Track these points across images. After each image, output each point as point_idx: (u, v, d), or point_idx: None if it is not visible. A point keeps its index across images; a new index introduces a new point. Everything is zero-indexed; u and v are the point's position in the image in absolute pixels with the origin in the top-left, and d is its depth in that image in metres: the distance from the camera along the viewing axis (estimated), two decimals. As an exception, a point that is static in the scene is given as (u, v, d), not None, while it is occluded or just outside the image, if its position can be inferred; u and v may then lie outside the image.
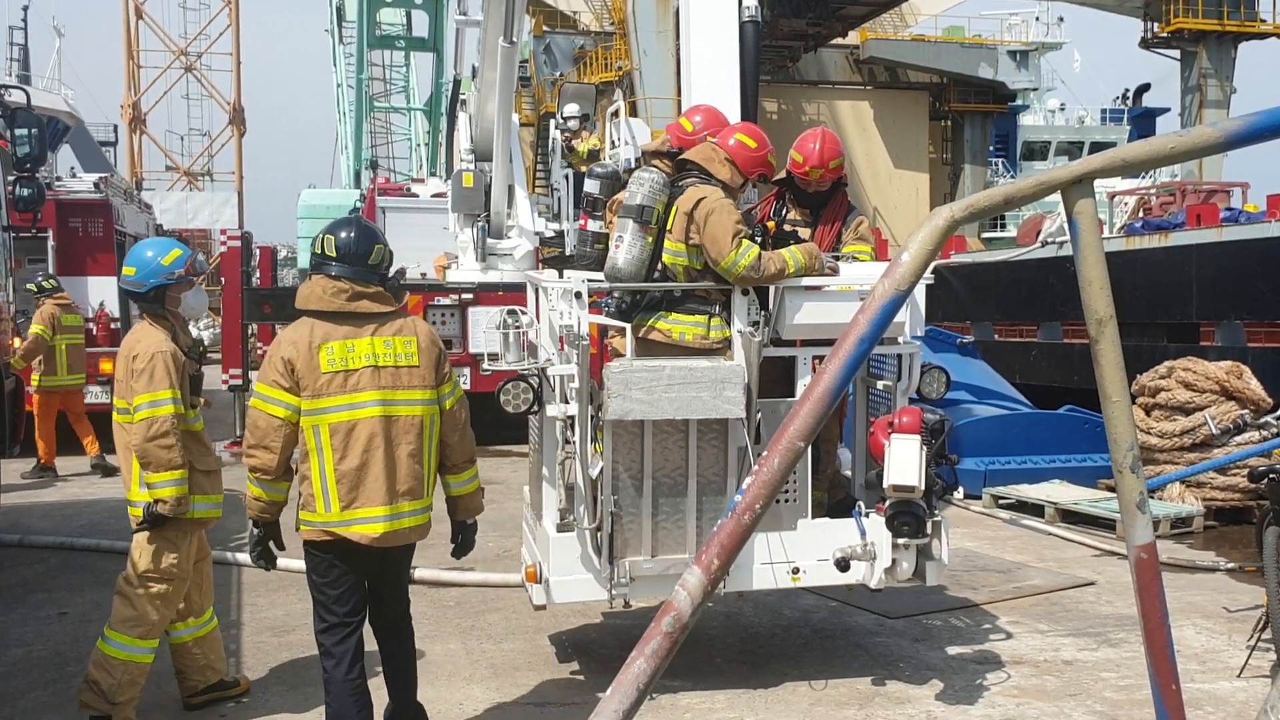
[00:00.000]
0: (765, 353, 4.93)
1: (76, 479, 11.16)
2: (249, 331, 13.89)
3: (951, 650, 5.72)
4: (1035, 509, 9.16)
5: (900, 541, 4.91)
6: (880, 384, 5.41)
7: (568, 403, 4.82)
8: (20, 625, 6.21)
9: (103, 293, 13.22)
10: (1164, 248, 15.36)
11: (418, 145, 41.14)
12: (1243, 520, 8.84)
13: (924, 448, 4.77)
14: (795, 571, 5.05)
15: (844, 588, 5.36)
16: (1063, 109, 44.97)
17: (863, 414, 5.55)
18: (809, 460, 5.07)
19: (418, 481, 4.14)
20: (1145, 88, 42.63)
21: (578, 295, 4.87)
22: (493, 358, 5.15)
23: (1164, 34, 31.85)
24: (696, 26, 6.62)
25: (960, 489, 6.57)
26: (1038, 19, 42.46)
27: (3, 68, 35.73)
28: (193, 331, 5.40)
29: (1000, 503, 9.58)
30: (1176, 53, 32.65)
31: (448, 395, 4.27)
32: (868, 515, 5.03)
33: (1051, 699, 5.07)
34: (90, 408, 11.65)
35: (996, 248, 26.49)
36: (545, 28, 37.68)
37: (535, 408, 5.03)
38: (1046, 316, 17.20)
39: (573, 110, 12.04)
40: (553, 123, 12.67)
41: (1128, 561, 2.00)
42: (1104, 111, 45.35)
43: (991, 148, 38.76)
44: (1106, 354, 1.94)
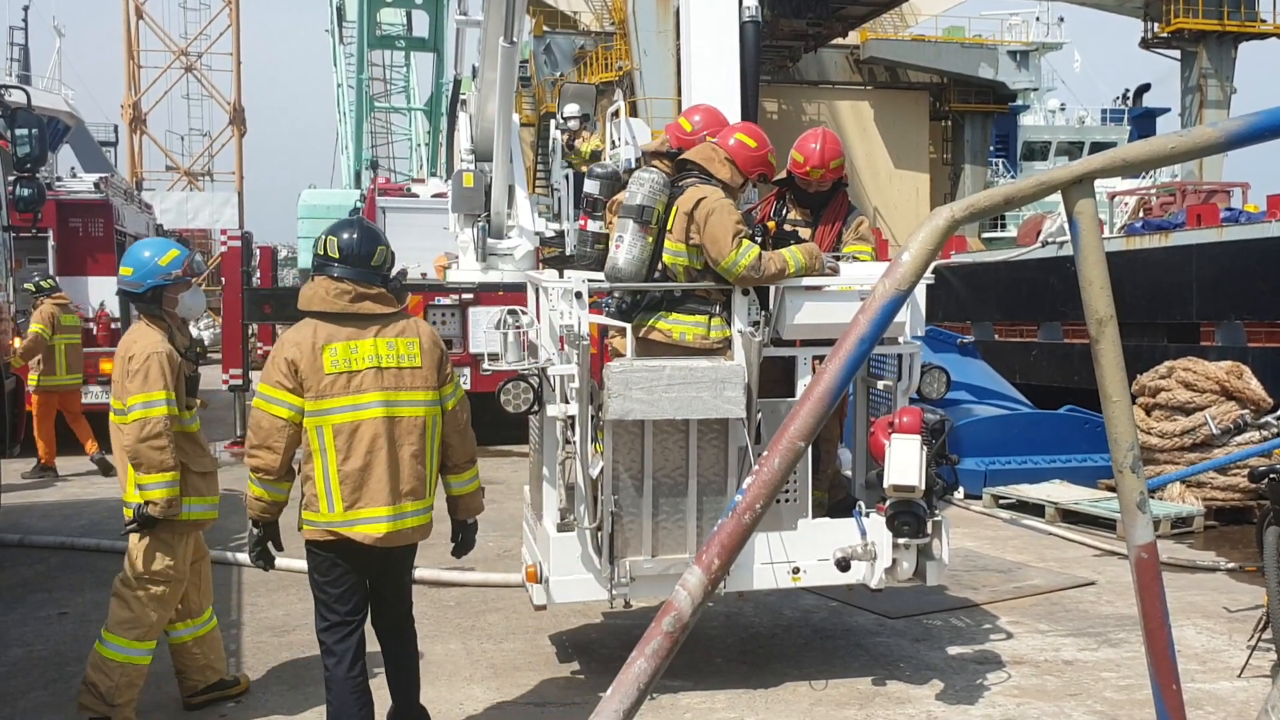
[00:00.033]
0: (765, 353, 4.93)
1: (76, 479, 11.16)
2: (249, 331, 13.90)
3: (952, 650, 5.72)
4: (1036, 509, 9.16)
5: (901, 541, 4.91)
6: (880, 384, 5.41)
7: (568, 403, 4.82)
8: (20, 625, 6.21)
9: (103, 293, 13.24)
10: (1164, 248, 15.35)
11: (418, 145, 41.13)
12: (1243, 520, 8.84)
13: (924, 448, 4.77)
14: (795, 571, 5.05)
15: (844, 588, 5.36)
16: (1063, 109, 44.92)
17: (863, 414, 5.55)
18: (809, 460, 5.07)
19: (420, 482, 4.16)
20: (1145, 88, 42.61)
21: (578, 295, 4.87)
22: (493, 358, 5.15)
23: (1164, 34, 31.84)
24: (697, 26, 6.62)
25: (960, 489, 6.57)
26: (1038, 19, 42.43)
27: (3, 68, 35.74)
28: (193, 331, 5.40)
29: (1000, 503, 9.58)
30: (1176, 53, 32.64)
31: (450, 396, 4.30)
32: (868, 515, 5.03)
33: (1052, 699, 5.07)
34: (91, 408, 11.65)
35: (997, 248, 26.49)
36: (545, 28, 37.70)
37: (535, 408, 5.03)
38: (1047, 316, 17.20)
39: (573, 110, 12.03)
40: (553, 123, 12.66)
41: (1128, 561, 2.00)
42: (1104, 112, 45.30)
43: (992, 148, 38.76)
44: (1107, 354, 1.94)
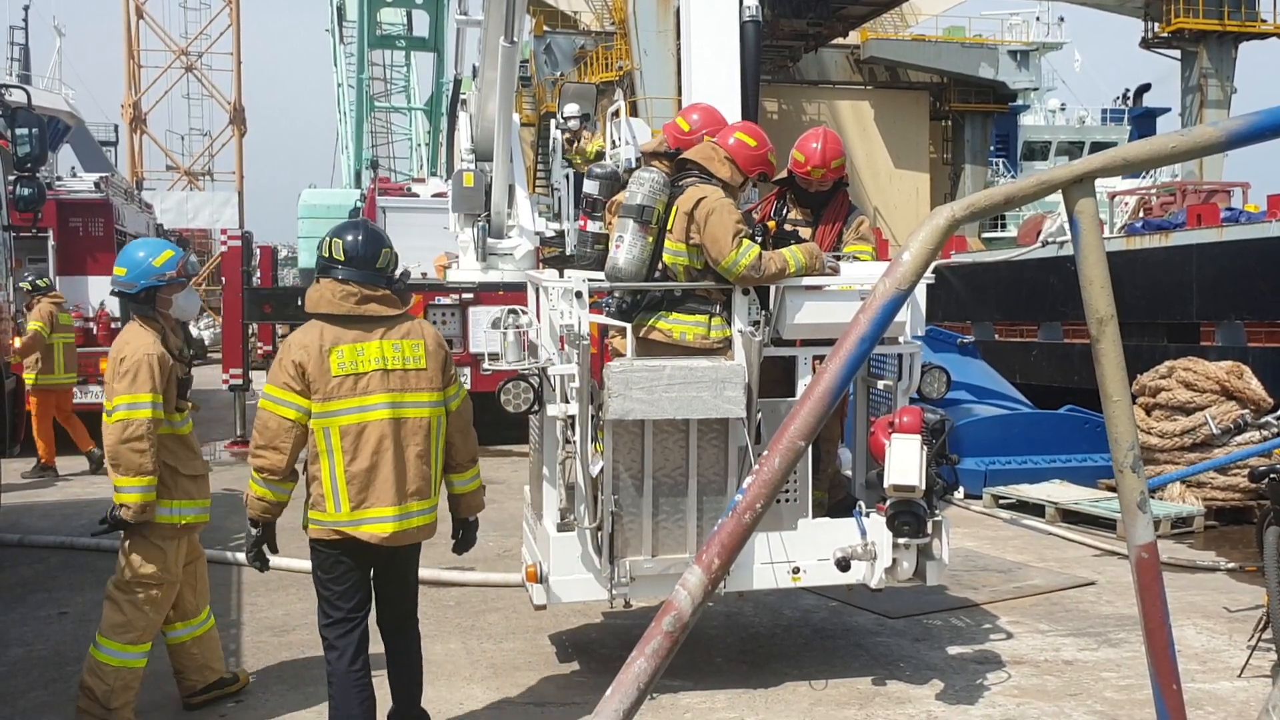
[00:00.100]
0: (766, 352, 4.93)
1: (76, 479, 11.15)
2: (249, 331, 13.89)
3: (952, 650, 5.72)
4: (1036, 509, 9.16)
5: (901, 541, 4.91)
6: (881, 384, 5.41)
7: (568, 402, 4.82)
8: (20, 625, 6.21)
9: (103, 292, 13.21)
10: (1164, 248, 15.36)
11: (418, 145, 41.07)
12: (1243, 520, 8.83)
13: (924, 447, 4.77)
14: (796, 571, 5.05)
15: (844, 587, 5.36)
16: (1063, 109, 44.90)
17: (863, 414, 5.55)
18: (809, 460, 5.07)
19: (425, 482, 4.19)
20: (1146, 88, 42.60)
21: (578, 295, 4.87)
22: (493, 357, 5.16)
23: (1164, 34, 31.85)
24: (697, 26, 6.62)
25: (961, 489, 6.57)
26: (1038, 19, 42.43)
27: (3, 67, 35.71)
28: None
29: (1001, 502, 9.58)
30: (1177, 53, 32.64)
31: (454, 397, 4.35)
32: (868, 515, 5.03)
33: (1052, 699, 5.06)
34: (87, 407, 11.65)
35: (997, 247, 26.51)
36: (546, 28, 37.71)
37: (535, 407, 5.03)
38: (1047, 316, 17.20)
39: (573, 110, 12.01)
40: (553, 123, 12.65)
41: (1128, 561, 2.00)
42: (1104, 111, 45.28)
43: (992, 148, 38.75)
44: (1107, 353, 1.94)
